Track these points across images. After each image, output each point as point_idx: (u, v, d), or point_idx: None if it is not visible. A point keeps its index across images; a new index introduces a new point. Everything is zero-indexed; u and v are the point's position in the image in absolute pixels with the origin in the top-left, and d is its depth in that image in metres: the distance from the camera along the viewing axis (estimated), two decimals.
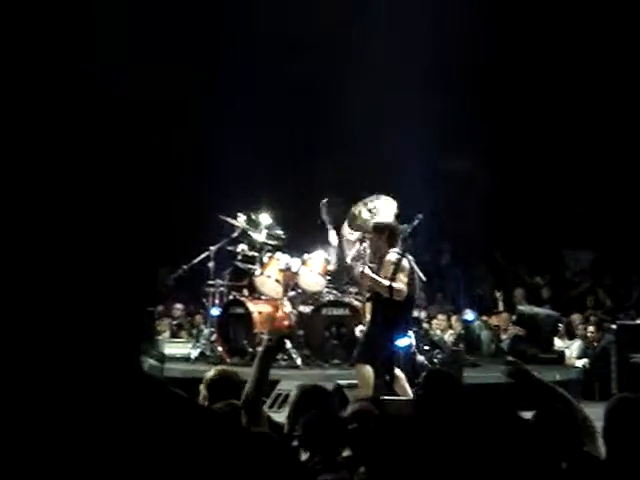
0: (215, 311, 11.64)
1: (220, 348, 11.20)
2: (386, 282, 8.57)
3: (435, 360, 11.14)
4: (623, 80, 17.38)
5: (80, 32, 11.77)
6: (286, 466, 1.25)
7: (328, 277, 11.18)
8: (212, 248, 11.79)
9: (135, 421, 1.15)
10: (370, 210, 10.56)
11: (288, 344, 10.95)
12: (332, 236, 11.45)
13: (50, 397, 1.12)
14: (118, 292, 1.16)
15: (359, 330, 9.41)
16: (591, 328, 14.21)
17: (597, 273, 18.13)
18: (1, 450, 1.08)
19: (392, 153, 15.90)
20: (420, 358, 10.42)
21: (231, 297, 11.62)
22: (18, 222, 1.10)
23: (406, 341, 8.93)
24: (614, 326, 12.57)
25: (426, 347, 11.48)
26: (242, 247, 11.56)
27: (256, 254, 11.47)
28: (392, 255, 8.73)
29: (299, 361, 10.87)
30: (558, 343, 13.80)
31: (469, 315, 14.79)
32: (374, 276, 8.81)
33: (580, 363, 13.30)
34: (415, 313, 10.41)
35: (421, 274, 10.25)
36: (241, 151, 15.78)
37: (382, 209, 10.49)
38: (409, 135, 15.65)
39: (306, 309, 11.23)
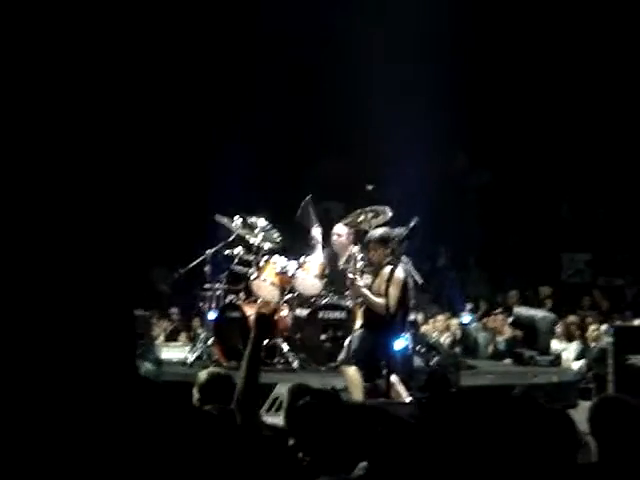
0: (211, 315, 11.62)
1: (217, 352, 11.19)
2: (379, 300, 8.61)
3: (432, 363, 11.12)
4: (616, 84, 17.39)
5: None
6: (281, 467, 1.24)
7: (325, 280, 11.17)
8: (208, 252, 11.76)
9: (130, 420, 1.15)
10: (367, 215, 10.58)
11: (284, 346, 10.96)
12: (318, 234, 11.43)
13: (48, 398, 1.11)
14: (108, 295, 1.16)
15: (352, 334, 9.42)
16: (590, 329, 14.22)
17: (593, 274, 18.16)
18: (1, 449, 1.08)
19: (387, 156, 15.89)
20: (417, 361, 10.41)
21: (227, 301, 11.60)
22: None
23: (402, 344, 8.92)
24: (611, 328, 12.57)
25: (423, 350, 11.47)
26: (238, 250, 11.54)
27: (252, 257, 11.45)
28: (388, 268, 8.73)
29: (296, 365, 10.86)
30: (555, 345, 13.79)
31: (466, 317, 14.79)
32: (365, 292, 8.86)
33: (577, 365, 13.28)
34: (412, 316, 10.40)
35: (418, 277, 10.25)
36: (238, 155, 15.79)
37: (378, 216, 10.52)
38: (405, 137, 15.65)
39: (303, 312, 11.21)
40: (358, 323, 9.38)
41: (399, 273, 8.71)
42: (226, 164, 15.93)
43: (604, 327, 13.77)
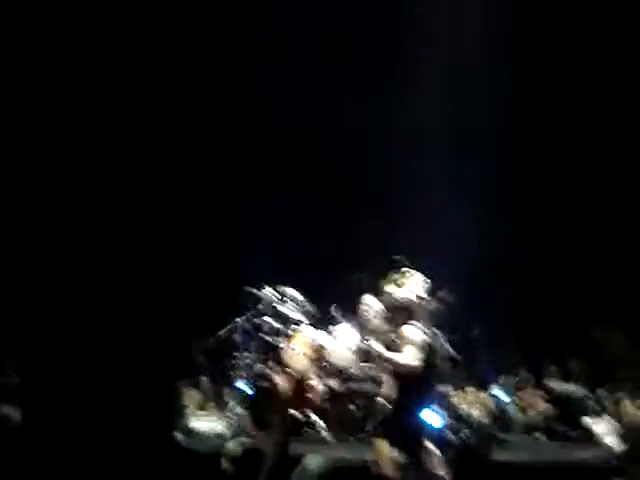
0: (241, 384, 11.59)
1: (246, 422, 11.15)
2: (392, 355, 8.58)
3: (463, 437, 11.01)
4: None
5: None
6: None
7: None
8: (238, 320, 11.77)
9: None
10: (396, 282, 10.50)
11: (314, 417, 10.88)
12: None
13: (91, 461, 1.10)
14: (151, 365, 1.14)
15: (380, 404, 9.39)
16: (625, 404, 14.05)
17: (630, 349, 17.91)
18: None
19: (424, 231, 15.84)
20: (448, 434, 10.30)
21: (257, 370, 11.56)
22: None
23: (438, 420, 8.86)
24: None
25: (454, 423, 11.36)
26: (268, 319, 11.53)
27: (282, 326, 11.44)
28: (407, 330, 8.72)
29: (325, 435, 10.77)
30: (588, 420, 13.62)
31: (497, 390, 14.64)
32: (381, 351, 8.86)
33: (610, 441, 13.11)
34: (442, 388, 10.32)
35: (451, 349, 10.19)
36: (265, 224, 15.87)
37: (409, 283, 10.42)
38: (441, 215, 15.67)
39: (333, 383, 11.16)
40: (386, 392, 9.33)
41: (420, 336, 8.65)
42: (254, 232, 16.02)
43: (638, 402, 13.62)
